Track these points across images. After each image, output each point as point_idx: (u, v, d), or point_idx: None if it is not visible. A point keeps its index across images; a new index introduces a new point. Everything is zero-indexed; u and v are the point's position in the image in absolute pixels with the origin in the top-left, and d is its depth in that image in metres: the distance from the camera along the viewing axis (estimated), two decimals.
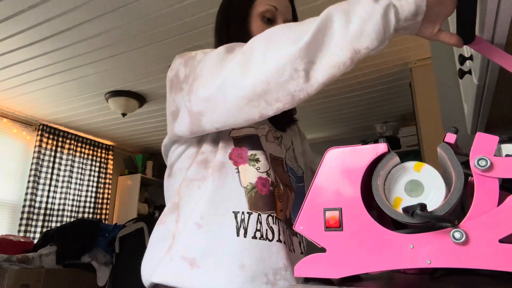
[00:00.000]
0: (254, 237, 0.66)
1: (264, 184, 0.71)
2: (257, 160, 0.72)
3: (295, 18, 0.89)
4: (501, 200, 0.39)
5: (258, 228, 0.67)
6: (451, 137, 0.46)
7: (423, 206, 0.39)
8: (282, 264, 0.67)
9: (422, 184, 0.44)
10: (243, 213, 0.68)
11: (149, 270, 0.70)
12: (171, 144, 0.80)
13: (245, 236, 0.66)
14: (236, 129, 0.74)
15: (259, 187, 0.70)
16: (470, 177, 0.47)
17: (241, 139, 0.74)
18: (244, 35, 0.80)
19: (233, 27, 0.83)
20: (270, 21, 0.82)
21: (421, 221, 0.39)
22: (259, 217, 0.68)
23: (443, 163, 0.47)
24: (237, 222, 0.67)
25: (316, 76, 0.55)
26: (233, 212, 0.68)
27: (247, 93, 0.58)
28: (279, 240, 0.68)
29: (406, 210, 0.41)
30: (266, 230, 0.68)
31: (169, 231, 0.71)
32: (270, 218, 0.69)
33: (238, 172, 0.71)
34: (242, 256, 0.65)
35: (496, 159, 0.40)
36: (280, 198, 0.73)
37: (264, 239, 0.67)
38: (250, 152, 0.73)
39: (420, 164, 0.44)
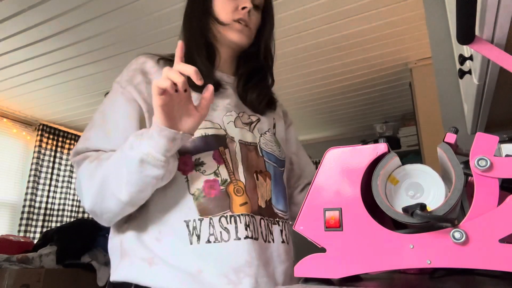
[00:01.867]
0: (208, 241, 0.66)
1: (212, 186, 0.70)
2: (202, 163, 0.71)
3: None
4: (501, 200, 0.39)
5: (211, 232, 0.67)
6: (451, 137, 0.46)
7: (422, 206, 0.39)
8: (244, 261, 0.66)
9: (422, 186, 0.44)
10: (194, 220, 0.68)
11: (112, 270, 0.72)
12: None
13: (198, 243, 0.66)
14: None
15: (206, 190, 0.69)
16: (470, 177, 0.47)
17: (184, 147, 0.72)
18: (207, 15, 0.80)
19: (196, 10, 0.82)
20: None
21: (421, 221, 0.39)
22: (211, 221, 0.68)
23: (443, 163, 0.47)
24: (189, 231, 0.67)
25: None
26: (184, 221, 0.68)
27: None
28: (237, 238, 0.67)
29: (406, 210, 0.41)
30: (220, 232, 0.67)
31: (119, 238, 0.73)
32: (223, 219, 0.68)
33: (188, 180, 0.70)
34: (198, 261, 0.65)
35: (496, 159, 0.40)
36: (239, 192, 0.71)
37: (219, 241, 0.67)
38: (194, 157, 0.71)
39: (393, 179, 0.45)
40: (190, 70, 0.57)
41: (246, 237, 0.67)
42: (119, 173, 0.63)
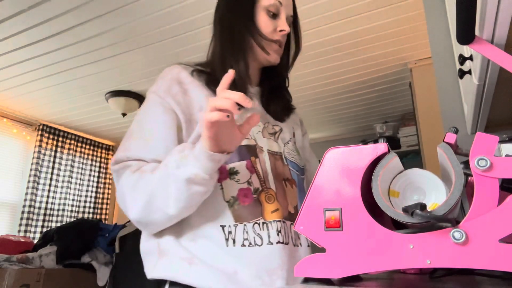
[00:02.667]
0: (243, 245, 0.70)
1: (246, 195, 0.74)
2: (236, 172, 0.75)
3: (295, 14, 0.90)
4: (501, 200, 0.39)
5: (246, 237, 0.71)
6: (451, 137, 0.46)
7: (422, 206, 0.39)
8: (277, 264, 0.70)
9: (423, 189, 0.44)
10: (229, 226, 0.71)
11: (149, 269, 0.74)
12: None
13: (234, 246, 0.70)
14: None
15: (241, 199, 0.73)
16: (470, 177, 0.47)
17: None
18: (251, 28, 0.81)
19: (237, 20, 0.83)
20: (274, 16, 0.83)
21: (420, 221, 0.39)
22: (245, 227, 0.71)
23: (443, 163, 0.47)
24: (225, 234, 0.71)
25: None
26: (221, 226, 0.71)
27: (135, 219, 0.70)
28: (269, 243, 0.71)
29: (406, 210, 0.41)
30: (254, 237, 0.71)
31: (156, 239, 0.76)
32: (256, 226, 0.72)
33: (222, 188, 0.73)
34: (233, 263, 0.69)
35: (496, 159, 0.40)
36: (270, 199, 0.76)
37: (253, 246, 0.70)
38: (228, 166, 0.74)
39: (393, 192, 0.45)
40: (238, 97, 0.58)
41: (278, 242, 0.72)
42: (167, 189, 0.66)
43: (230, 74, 0.62)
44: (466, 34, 0.53)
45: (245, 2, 0.83)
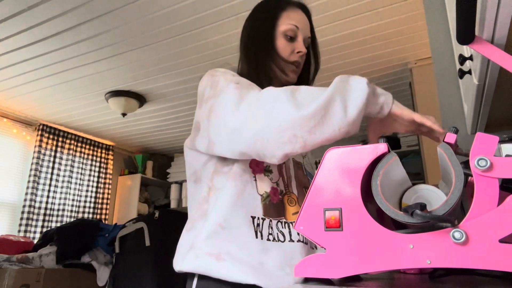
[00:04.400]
0: (268, 239, 0.74)
1: (275, 193, 0.80)
2: (270, 171, 0.81)
3: (313, 35, 0.96)
4: (501, 200, 0.39)
5: (270, 232, 0.75)
6: (451, 137, 0.46)
7: (422, 206, 0.39)
8: (298, 260, 0.74)
9: (428, 199, 0.45)
10: (258, 218, 0.76)
11: (178, 261, 0.77)
12: (193, 148, 0.85)
13: (261, 238, 0.74)
14: None
15: (272, 196, 0.79)
16: (470, 177, 0.47)
17: None
18: (272, 53, 0.89)
19: (260, 47, 0.90)
20: (292, 39, 0.90)
21: (420, 221, 0.39)
22: (271, 222, 0.76)
23: (443, 163, 0.47)
24: (254, 226, 0.75)
25: (313, 143, 0.65)
26: (251, 216, 0.75)
27: (246, 145, 0.68)
28: (291, 240, 0.76)
29: (406, 210, 0.41)
30: (277, 233, 0.76)
31: (196, 230, 0.78)
32: (279, 223, 0.77)
33: (255, 180, 0.79)
34: (261, 255, 0.72)
35: (496, 159, 0.40)
36: (292, 203, 0.82)
37: (276, 241, 0.75)
38: (266, 163, 0.81)
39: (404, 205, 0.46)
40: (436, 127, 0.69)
41: (299, 241, 0.77)
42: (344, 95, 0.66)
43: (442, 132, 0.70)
44: (466, 34, 0.53)
45: (265, 29, 0.90)
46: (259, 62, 0.89)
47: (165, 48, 2.38)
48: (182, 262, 0.75)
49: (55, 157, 3.68)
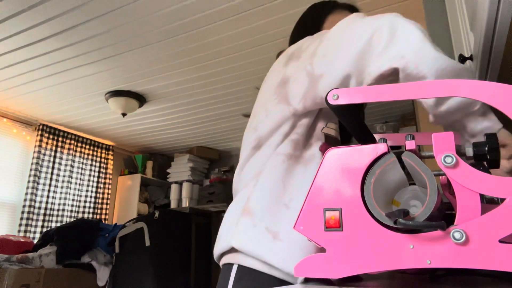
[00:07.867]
0: None
1: None
2: None
3: None
4: (483, 184, 0.40)
5: None
6: (411, 144, 0.46)
7: (405, 213, 0.40)
8: None
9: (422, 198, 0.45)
10: None
11: (226, 235, 0.75)
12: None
13: None
14: (328, 127, 0.83)
15: None
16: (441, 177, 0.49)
17: (328, 138, 0.82)
18: None
19: None
20: None
21: (405, 228, 0.40)
22: None
23: (413, 171, 0.47)
24: None
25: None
26: None
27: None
28: None
29: (389, 216, 0.41)
30: None
31: (245, 194, 0.77)
32: None
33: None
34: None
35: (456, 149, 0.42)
36: None
37: None
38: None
39: (396, 202, 0.46)
40: None
41: None
42: None
43: None
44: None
45: (312, 29, 0.89)
46: None
47: (165, 48, 2.38)
48: (232, 237, 0.73)
49: (55, 157, 3.68)
